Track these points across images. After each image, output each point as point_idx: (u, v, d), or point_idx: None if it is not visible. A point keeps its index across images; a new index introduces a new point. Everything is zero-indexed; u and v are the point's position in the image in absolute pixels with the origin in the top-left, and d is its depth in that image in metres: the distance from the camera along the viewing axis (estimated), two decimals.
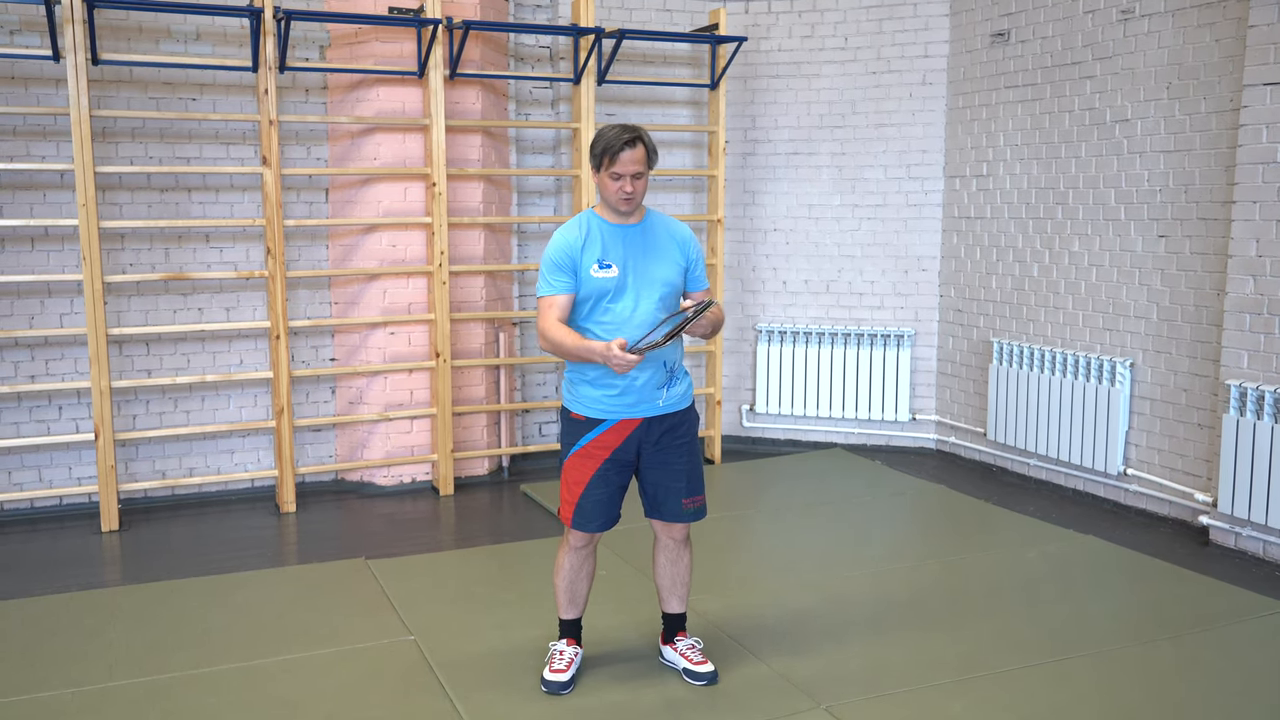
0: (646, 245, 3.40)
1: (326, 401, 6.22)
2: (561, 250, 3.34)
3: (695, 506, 3.52)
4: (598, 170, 3.32)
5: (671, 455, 3.45)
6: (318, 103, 6.04)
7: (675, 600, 3.67)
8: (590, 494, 3.41)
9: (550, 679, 3.55)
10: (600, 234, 3.37)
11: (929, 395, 7.02)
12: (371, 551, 5.05)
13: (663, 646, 3.74)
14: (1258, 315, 4.86)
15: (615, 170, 3.27)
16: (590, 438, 3.40)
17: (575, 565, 3.56)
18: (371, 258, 6.03)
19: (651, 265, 3.39)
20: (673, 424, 3.45)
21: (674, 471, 3.46)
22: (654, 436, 3.43)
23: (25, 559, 4.98)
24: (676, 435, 3.46)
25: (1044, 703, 3.46)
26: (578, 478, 3.41)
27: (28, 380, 5.57)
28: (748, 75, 7.00)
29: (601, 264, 3.33)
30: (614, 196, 3.32)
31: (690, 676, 3.60)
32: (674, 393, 3.44)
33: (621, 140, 3.26)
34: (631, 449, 3.42)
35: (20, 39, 5.42)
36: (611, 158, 3.25)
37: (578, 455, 3.42)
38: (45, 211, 5.53)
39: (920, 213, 6.88)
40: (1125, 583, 4.60)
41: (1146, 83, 5.47)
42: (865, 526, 5.47)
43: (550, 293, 3.34)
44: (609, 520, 3.47)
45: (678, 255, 3.45)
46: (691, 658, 3.63)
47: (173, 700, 3.50)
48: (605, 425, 3.39)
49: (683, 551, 3.61)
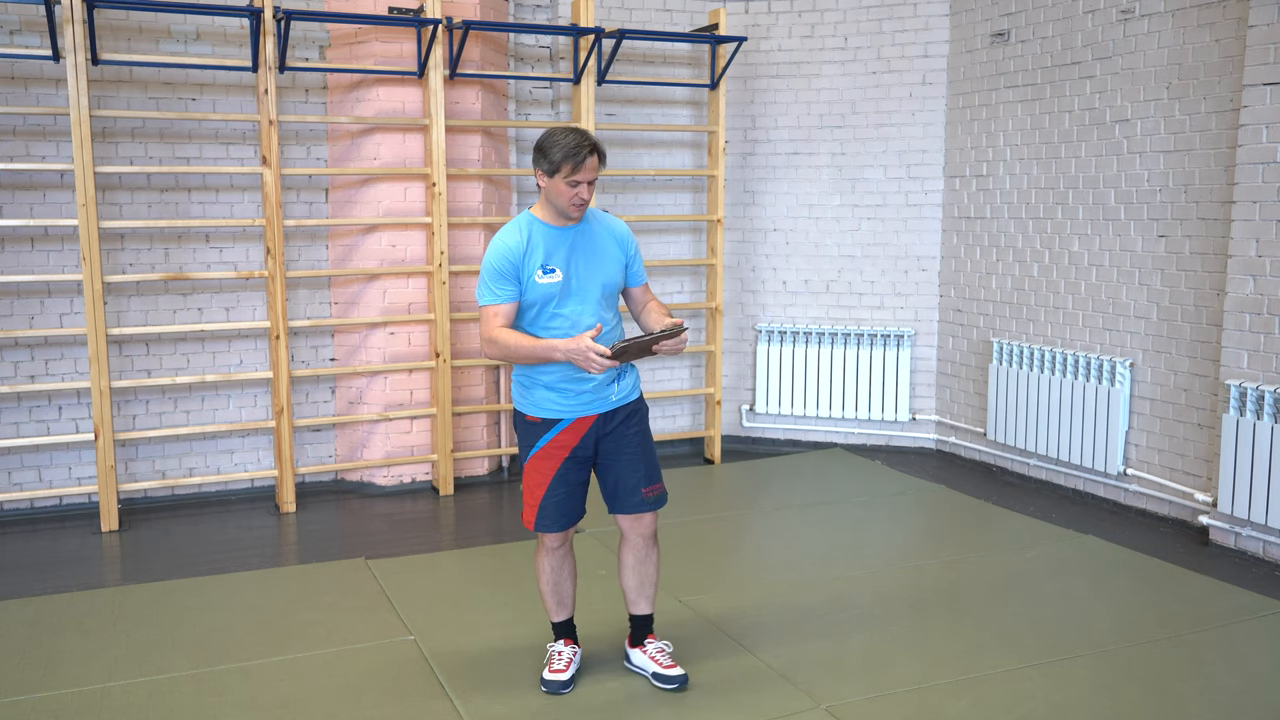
0: (587, 246, 3.39)
1: (326, 401, 6.22)
2: (503, 257, 3.29)
3: (655, 495, 3.52)
4: (552, 175, 3.26)
5: (627, 445, 3.47)
6: (318, 103, 6.04)
7: (644, 601, 3.63)
8: (552, 494, 3.42)
9: (550, 679, 3.55)
10: (542, 238, 3.33)
11: (929, 395, 7.02)
12: (371, 551, 5.05)
13: (630, 650, 3.69)
14: (1258, 315, 4.86)
15: (575, 178, 3.24)
16: (548, 439, 3.41)
17: (555, 566, 3.56)
18: (371, 258, 6.03)
19: (593, 266, 3.39)
20: (625, 415, 3.47)
21: (631, 461, 3.47)
22: (609, 430, 3.45)
23: (25, 559, 4.98)
24: (630, 425, 3.48)
25: (1044, 703, 3.46)
26: (539, 479, 3.43)
27: (28, 380, 5.57)
28: (748, 75, 7.01)
29: (545, 269, 3.30)
30: (568, 203, 3.28)
31: (660, 680, 3.56)
32: (624, 385, 3.47)
33: (585, 148, 3.23)
34: (589, 445, 3.43)
35: (20, 39, 5.42)
36: (576, 165, 3.22)
37: (537, 458, 3.43)
38: (45, 211, 5.53)
39: (920, 213, 6.88)
40: (1125, 583, 4.60)
41: (1146, 83, 5.47)
42: (865, 526, 5.47)
43: (494, 301, 3.30)
44: (571, 518, 3.48)
45: (617, 252, 3.46)
46: (661, 661, 3.59)
47: (173, 700, 3.50)
48: (562, 425, 3.40)
49: (650, 550, 3.58)
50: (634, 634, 3.68)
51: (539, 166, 3.29)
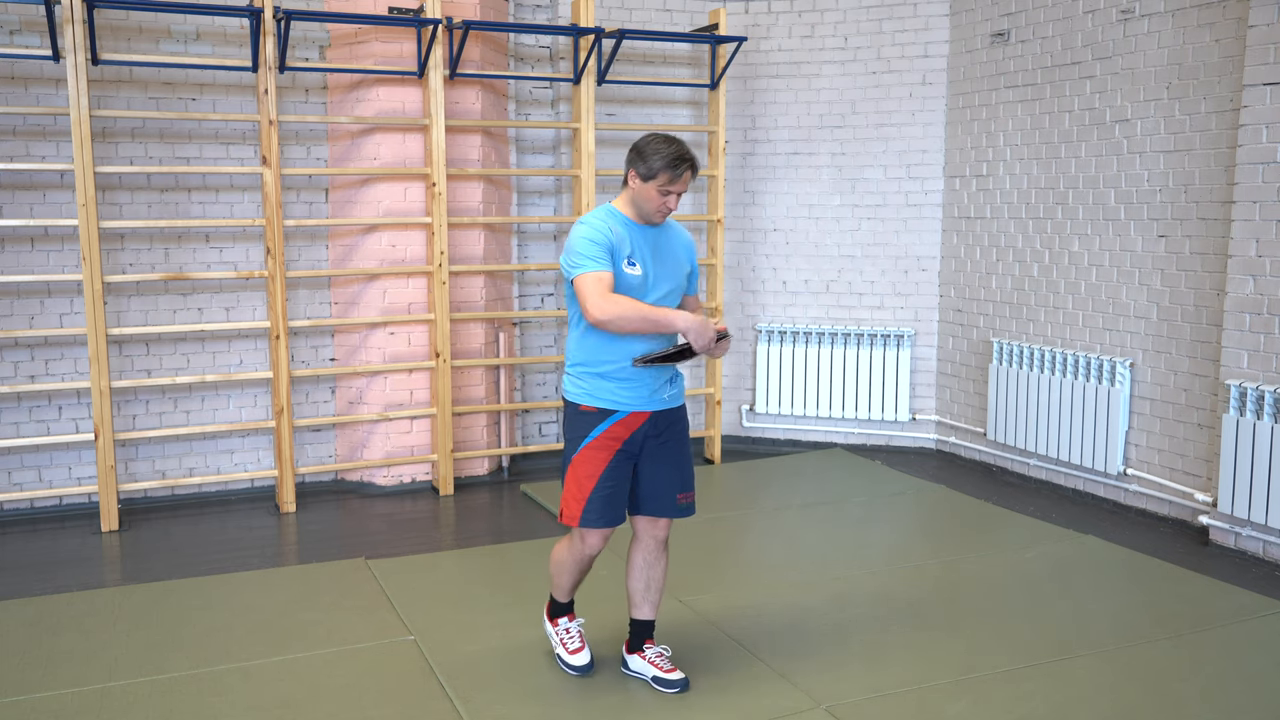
0: (663, 248, 3.44)
1: (326, 401, 6.22)
2: (602, 233, 3.30)
3: (687, 502, 3.53)
4: (645, 180, 3.29)
5: (673, 448, 3.47)
6: (318, 103, 6.04)
7: (648, 606, 3.60)
8: (601, 488, 3.36)
9: (575, 662, 3.60)
10: (628, 232, 3.36)
11: (929, 395, 7.02)
12: (371, 551, 5.05)
13: (628, 655, 3.67)
14: (1258, 315, 4.86)
15: (669, 188, 3.30)
16: (602, 429, 3.36)
17: (583, 567, 3.56)
18: (371, 258, 6.03)
19: (667, 268, 3.44)
20: (673, 419, 3.48)
21: (673, 465, 3.47)
22: (657, 431, 3.43)
23: (25, 559, 4.98)
24: (676, 430, 3.48)
25: (1044, 703, 3.46)
26: (590, 470, 3.37)
27: (28, 380, 5.57)
28: (748, 75, 7.00)
29: (630, 261, 3.34)
30: (655, 208, 3.34)
31: (661, 685, 3.54)
32: (675, 390, 3.48)
33: (685, 162, 3.28)
34: (637, 443, 3.41)
35: (20, 39, 5.42)
36: (673, 177, 3.28)
37: (590, 448, 3.37)
38: (45, 211, 5.53)
39: (920, 213, 6.88)
40: (1125, 583, 4.60)
41: (1146, 83, 5.47)
42: (865, 526, 5.47)
43: (598, 268, 3.26)
44: (617, 516, 3.42)
45: (685, 261, 3.52)
46: (661, 665, 3.57)
47: (173, 700, 3.50)
48: (617, 416, 3.37)
49: (661, 554, 3.57)
50: (633, 639, 3.65)
51: (634, 168, 3.31)
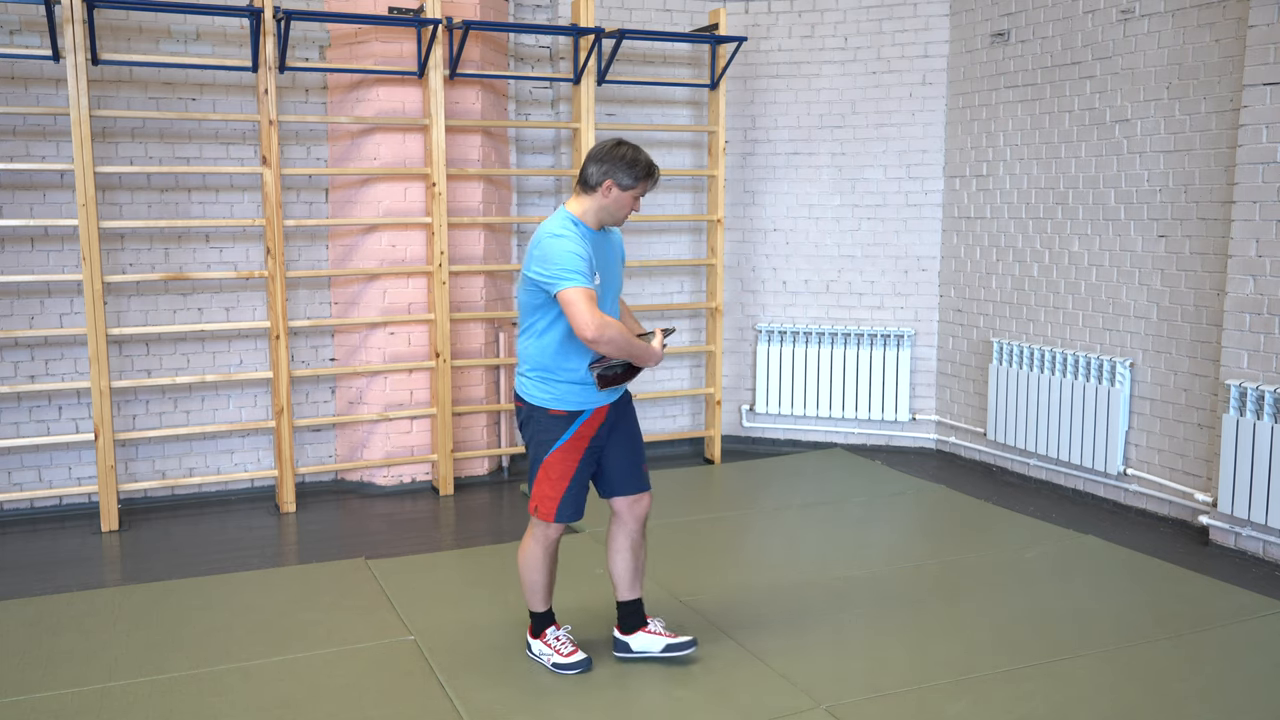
0: (608, 252, 3.57)
1: (326, 401, 6.22)
2: (583, 247, 3.36)
3: (647, 471, 3.75)
4: (625, 190, 3.40)
5: (626, 428, 3.67)
6: (318, 103, 6.04)
7: (638, 585, 3.74)
8: (575, 484, 3.56)
9: (574, 661, 3.65)
10: (589, 242, 3.43)
11: (929, 395, 7.02)
12: (371, 551, 5.05)
13: (625, 638, 3.74)
14: (1258, 315, 4.86)
15: (641, 195, 3.45)
16: (573, 430, 3.52)
17: (551, 557, 3.69)
18: (371, 258, 6.03)
19: (613, 271, 3.60)
20: (624, 404, 3.70)
21: (631, 442, 3.68)
22: (614, 420, 3.63)
23: (25, 559, 4.98)
24: (626, 411, 3.70)
25: (1044, 703, 3.46)
26: (563, 470, 3.53)
27: (28, 380, 5.57)
28: (748, 75, 7.00)
29: (594, 271, 3.41)
30: (622, 214, 3.48)
31: (674, 650, 3.68)
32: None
33: (655, 168, 3.46)
34: (603, 434, 3.59)
35: (20, 39, 5.42)
36: (648, 185, 3.45)
37: (562, 449, 3.53)
38: (45, 211, 5.53)
39: (920, 213, 6.88)
40: (1125, 583, 4.60)
41: (1146, 83, 5.47)
42: (865, 526, 5.47)
43: (585, 284, 3.31)
44: (583, 508, 3.63)
45: (622, 261, 3.68)
46: (671, 633, 3.73)
47: (173, 700, 3.50)
48: (584, 417, 3.53)
49: (642, 535, 3.73)
50: (628, 621, 3.73)
51: (613, 178, 3.39)
